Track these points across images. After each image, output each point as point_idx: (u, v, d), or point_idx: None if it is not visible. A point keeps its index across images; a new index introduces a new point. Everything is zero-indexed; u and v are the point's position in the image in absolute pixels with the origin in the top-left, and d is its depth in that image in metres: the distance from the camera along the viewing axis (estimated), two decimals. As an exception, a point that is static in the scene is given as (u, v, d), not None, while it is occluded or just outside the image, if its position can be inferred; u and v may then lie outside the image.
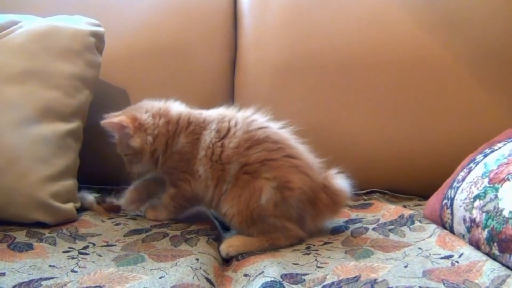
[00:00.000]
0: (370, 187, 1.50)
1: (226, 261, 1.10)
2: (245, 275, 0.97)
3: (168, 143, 1.20)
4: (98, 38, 1.41)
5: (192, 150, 1.18)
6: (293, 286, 0.89)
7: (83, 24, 1.40)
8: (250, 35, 1.64)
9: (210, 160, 1.16)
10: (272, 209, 1.10)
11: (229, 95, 1.62)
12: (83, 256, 1.03)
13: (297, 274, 0.94)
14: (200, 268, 0.95)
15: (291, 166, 1.13)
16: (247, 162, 1.13)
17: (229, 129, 1.17)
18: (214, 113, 1.23)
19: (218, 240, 1.16)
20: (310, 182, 1.14)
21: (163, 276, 0.91)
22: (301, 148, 1.19)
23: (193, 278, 0.91)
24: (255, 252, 1.09)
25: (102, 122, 1.19)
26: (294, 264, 1.00)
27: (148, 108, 1.23)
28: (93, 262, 1.00)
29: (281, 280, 0.91)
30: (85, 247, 1.07)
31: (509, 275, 0.87)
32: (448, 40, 1.53)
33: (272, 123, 1.21)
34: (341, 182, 1.18)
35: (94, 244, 1.09)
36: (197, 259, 0.99)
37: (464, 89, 1.50)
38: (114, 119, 1.19)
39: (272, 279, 0.90)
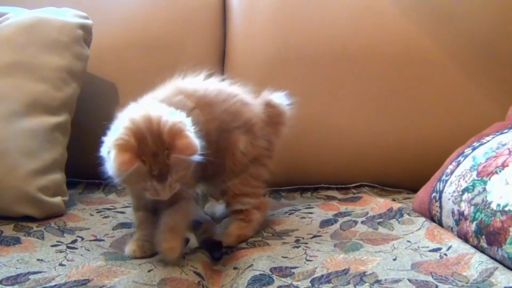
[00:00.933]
0: (359, 181, 1.50)
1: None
2: (235, 268, 0.97)
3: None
4: (86, 31, 1.40)
5: None
6: (283, 279, 0.89)
7: (70, 16, 1.38)
8: (239, 27, 1.64)
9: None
10: (252, 150, 1.15)
11: (219, 88, 1.61)
12: (71, 250, 1.02)
13: (286, 267, 0.94)
14: (188, 264, 0.95)
15: (242, 104, 1.17)
16: (217, 123, 1.11)
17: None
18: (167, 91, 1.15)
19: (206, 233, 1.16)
20: (258, 107, 1.20)
21: (152, 270, 0.91)
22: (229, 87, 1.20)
23: (181, 273, 0.91)
24: (248, 237, 1.12)
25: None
26: (283, 257, 1.00)
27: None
28: (81, 255, 0.99)
29: (270, 273, 0.91)
30: (74, 241, 1.07)
31: (497, 268, 0.87)
32: (437, 33, 1.53)
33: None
34: (275, 97, 1.24)
35: (82, 238, 1.09)
36: (184, 255, 0.99)
37: (453, 82, 1.51)
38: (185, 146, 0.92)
39: (261, 272, 0.90)
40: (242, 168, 1.15)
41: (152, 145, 0.90)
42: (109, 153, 0.91)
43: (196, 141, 0.91)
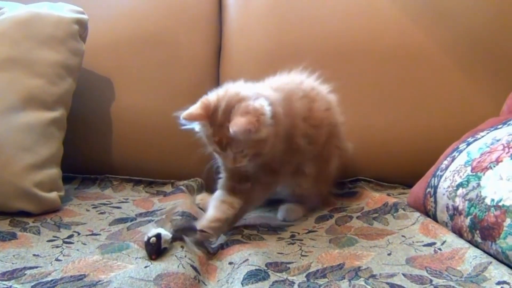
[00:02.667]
0: (355, 175, 1.51)
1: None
2: (230, 263, 0.97)
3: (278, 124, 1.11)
4: (82, 26, 1.39)
5: (292, 129, 1.18)
6: (278, 274, 0.90)
7: (66, 11, 1.38)
8: (235, 23, 1.63)
9: (312, 127, 1.22)
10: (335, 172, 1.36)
11: (215, 83, 1.61)
12: (67, 245, 1.02)
13: (282, 262, 0.95)
14: (185, 256, 0.95)
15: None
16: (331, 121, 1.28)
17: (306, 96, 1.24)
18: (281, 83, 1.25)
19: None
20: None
21: (148, 265, 0.91)
22: None
23: (178, 266, 0.91)
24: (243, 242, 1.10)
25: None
26: (278, 253, 1.00)
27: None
28: (77, 250, 0.99)
29: (266, 268, 0.91)
30: (70, 236, 1.07)
31: (491, 262, 0.88)
32: (432, 29, 1.54)
33: None
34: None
35: (78, 233, 1.09)
36: (182, 247, 0.99)
37: (448, 78, 1.51)
38: (241, 122, 1.01)
39: (257, 267, 0.91)
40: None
41: (221, 116, 1.05)
42: None
43: (255, 125, 1.01)
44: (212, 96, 1.08)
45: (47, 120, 1.26)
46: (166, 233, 0.98)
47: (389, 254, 0.96)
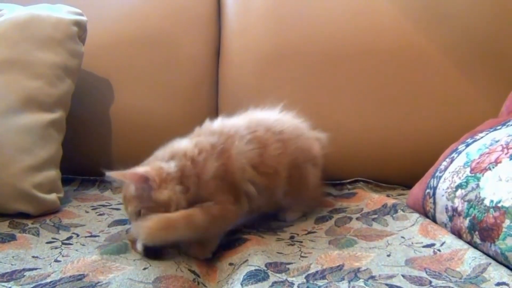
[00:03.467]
0: (354, 176, 1.51)
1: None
2: (230, 264, 0.97)
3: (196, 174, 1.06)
4: (81, 27, 1.39)
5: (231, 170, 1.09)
6: (278, 275, 0.90)
7: (65, 13, 1.38)
8: (234, 24, 1.64)
9: (262, 175, 1.12)
10: (316, 183, 1.29)
11: (214, 84, 1.61)
12: (66, 245, 1.02)
13: (281, 263, 0.95)
14: (183, 261, 0.95)
15: (306, 138, 1.27)
16: (291, 158, 1.18)
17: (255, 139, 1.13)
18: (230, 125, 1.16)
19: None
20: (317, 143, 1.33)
21: (147, 268, 0.91)
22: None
23: (176, 270, 0.91)
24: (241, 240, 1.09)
25: (116, 174, 1.01)
26: (278, 253, 1.00)
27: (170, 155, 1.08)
28: (76, 250, 1.00)
29: (265, 269, 0.91)
30: (69, 238, 1.07)
31: (490, 263, 0.88)
32: (431, 29, 1.54)
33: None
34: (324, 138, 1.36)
35: (77, 235, 1.09)
36: (179, 253, 0.99)
37: (447, 79, 1.51)
38: (139, 170, 1.03)
39: (257, 267, 0.91)
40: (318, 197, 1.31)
41: None
42: None
43: (150, 175, 1.00)
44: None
45: (46, 121, 1.26)
46: None
47: (388, 255, 0.96)
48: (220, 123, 1.17)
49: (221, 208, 1.04)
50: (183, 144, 1.10)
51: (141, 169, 1.02)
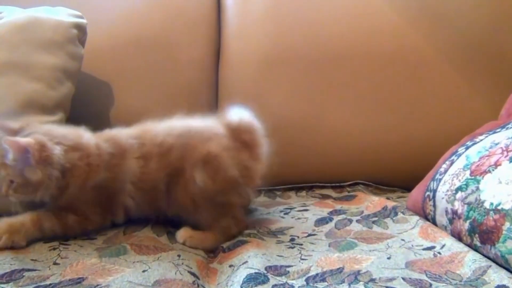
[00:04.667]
0: (354, 179, 1.51)
1: (212, 251, 1.10)
2: (230, 266, 0.97)
3: (85, 178, 1.05)
4: (81, 30, 1.39)
5: (114, 185, 1.09)
6: (277, 277, 0.90)
7: (65, 15, 1.38)
8: (233, 27, 1.64)
9: (141, 190, 1.10)
10: (213, 184, 1.08)
11: (213, 87, 1.61)
12: (64, 246, 1.02)
13: (281, 266, 0.94)
14: (182, 263, 0.95)
15: (200, 141, 1.11)
16: (169, 170, 1.10)
17: (141, 154, 1.10)
18: (125, 136, 1.14)
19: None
20: (223, 137, 1.13)
21: (146, 270, 0.91)
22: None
23: (175, 273, 0.91)
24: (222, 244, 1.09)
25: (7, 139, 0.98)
26: (278, 256, 1.00)
27: (60, 140, 1.04)
28: (75, 251, 0.99)
29: (265, 272, 0.91)
30: (66, 239, 1.06)
31: (490, 266, 0.88)
32: (430, 32, 1.54)
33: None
34: (242, 118, 1.16)
35: (75, 237, 1.08)
36: (178, 256, 0.99)
37: (446, 81, 1.52)
38: (21, 139, 0.99)
39: (256, 270, 0.91)
40: (204, 201, 1.10)
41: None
42: None
43: (34, 153, 0.97)
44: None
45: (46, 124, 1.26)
46: None
47: (388, 258, 0.96)
48: (115, 132, 1.15)
49: (79, 221, 1.07)
50: (84, 137, 1.09)
51: (24, 139, 0.99)
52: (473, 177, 1.04)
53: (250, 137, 1.15)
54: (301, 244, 1.07)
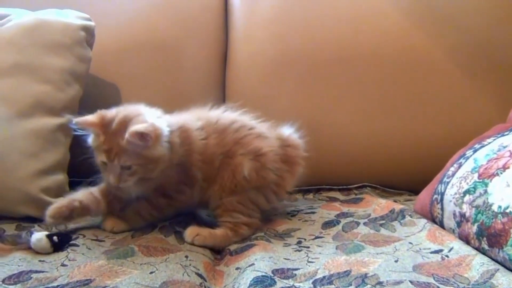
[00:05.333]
0: (361, 182, 1.51)
1: (218, 253, 1.11)
2: (237, 268, 0.97)
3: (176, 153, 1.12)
4: (88, 32, 1.40)
5: (189, 159, 1.15)
6: (284, 281, 0.89)
7: (73, 18, 1.39)
8: (240, 30, 1.64)
9: (204, 163, 1.16)
10: (255, 178, 1.16)
11: (221, 90, 1.62)
12: (72, 248, 1.02)
13: (288, 269, 0.94)
14: (190, 265, 0.96)
15: (256, 136, 1.20)
16: (224, 150, 1.17)
17: (203, 128, 1.19)
18: (187, 116, 1.22)
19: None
20: (275, 142, 1.23)
21: (154, 272, 0.91)
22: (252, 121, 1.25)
23: (183, 274, 0.91)
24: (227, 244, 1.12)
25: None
26: (285, 259, 1.00)
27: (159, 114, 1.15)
28: (83, 254, 0.99)
29: (272, 275, 0.91)
30: (75, 238, 1.07)
31: (498, 269, 0.88)
32: (438, 34, 1.54)
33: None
34: (292, 134, 1.29)
35: (84, 236, 1.09)
36: (186, 256, 0.99)
37: (454, 84, 1.51)
38: (141, 126, 1.04)
39: (263, 273, 0.91)
40: (241, 190, 1.16)
41: (116, 126, 1.06)
42: None
43: (151, 135, 1.03)
44: (111, 110, 1.10)
45: (54, 126, 1.27)
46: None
47: (396, 261, 0.96)
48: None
49: (168, 203, 1.17)
50: (183, 115, 1.20)
51: (142, 126, 1.04)
52: (481, 180, 1.04)
53: (294, 154, 1.26)
54: (308, 247, 1.07)
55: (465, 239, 1.02)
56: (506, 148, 1.06)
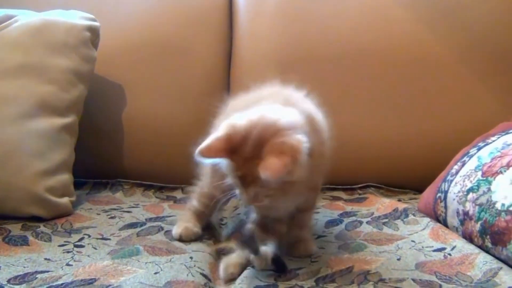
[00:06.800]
0: (365, 181, 1.51)
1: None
2: None
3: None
4: (94, 33, 1.41)
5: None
6: (287, 282, 0.90)
7: (78, 18, 1.39)
8: (245, 29, 1.64)
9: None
10: None
11: (225, 88, 1.62)
12: (78, 249, 1.03)
13: (291, 269, 0.94)
14: (195, 265, 0.96)
15: None
16: None
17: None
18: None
19: (213, 238, 1.15)
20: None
21: (158, 272, 0.91)
22: None
23: (187, 275, 0.91)
24: None
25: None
26: (289, 259, 0.99)
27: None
28: (88, 256, 1.00)
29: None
30: (80, 239, 1.08)
31: (501, 268, 0.88)
32: (443, 34, 1.53)
33: None
34: None
35: (89, 236, 1.10)
36: (191, 258, 0.99)
37: (458, 82, 1.51)
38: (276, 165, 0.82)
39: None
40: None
41: (250, 150, 0.85)
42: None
43: (289, 168, 0.82)
44: (241, 123, 0.88)
45: (59, 126, 1.28)
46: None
47: (398, 259, 0.96)
48: None
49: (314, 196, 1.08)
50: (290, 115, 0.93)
51: (278, 164, 0.82)
52: (484, 178, 1.04)
53: None
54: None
55: (469, 237, 1.02)
56: (510, 146, 1.06)
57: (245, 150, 0.86)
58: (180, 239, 1.09)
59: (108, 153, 1.55)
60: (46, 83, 1.28)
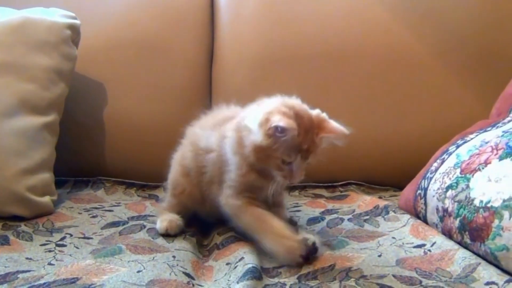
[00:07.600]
0: (346, 179, 1.52)
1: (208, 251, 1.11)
2: (227, 263, 0.98)
3: None
4: (74, 31, 1.40)
5: None
6: (270, 279, 0.90)
7: (58, 16, 1.38)
8: (227, 28, 1.64)
9: None
10: None
11: (207, 88, 1.62)
12: (60, 248, 1.03)
13: (273, 268, 0.95)
14: (177, 264, 0.96)
15: None
16: None
17: None
18: None
19: (196, 235, 1.15)
20: None
21: (141, 270, 0.91)
22: None
23: (170, 274, 0.91)
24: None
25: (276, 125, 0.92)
26: (270, 258, 0.99)
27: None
28: (70, 255, 1.00)
29: (260, 269, 0.92)
30: (62, 238, 1.08)
31: (480, 263, 0.89)
32: (421, 31, 1.55)
33: None
34: None
35: (71, 235, 1.10)
36: (173, 257, 1.00)
37: (437, 80, 1.52)
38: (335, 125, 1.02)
39: (254, 265, 0.92)
40: None
41: (306, 122, 0.98)
42: (264, 121, 0.95)
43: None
44: (286, 107, 0.99)
45: (40, 124, 1.27)
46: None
47: (379, 256, 0.97)
48: None
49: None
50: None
51: (335, 124, 1.03)
52: (463, 175, 1.05)
53: None
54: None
55: (448, 234, 1.04)
56: (488, 143, 1.07)
57: (304, 124, 0.97)
58: (166, 233, 1.11)
59: (89, 151, 1.54)
60: (27, 81, 1.27)
